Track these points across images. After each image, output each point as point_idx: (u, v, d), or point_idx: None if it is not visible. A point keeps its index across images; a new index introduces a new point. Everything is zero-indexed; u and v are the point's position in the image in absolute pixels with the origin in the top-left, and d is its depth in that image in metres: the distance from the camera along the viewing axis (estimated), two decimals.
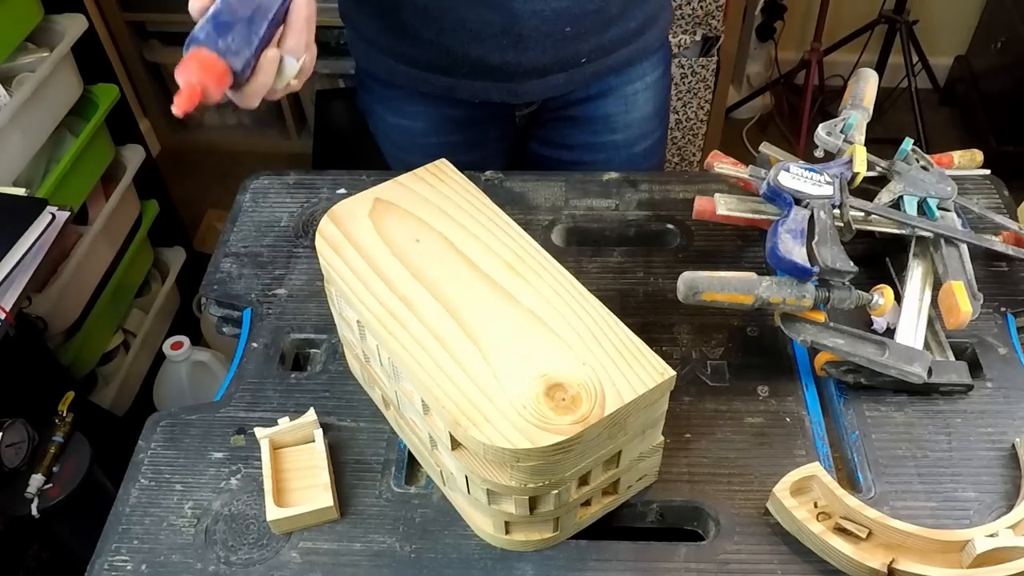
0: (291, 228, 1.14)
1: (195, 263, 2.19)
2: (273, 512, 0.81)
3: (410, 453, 0.89)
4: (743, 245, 1.10)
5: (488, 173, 1.19)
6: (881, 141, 1.33)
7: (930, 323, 0.94)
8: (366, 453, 0.89)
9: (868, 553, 0.76)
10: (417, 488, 0.87)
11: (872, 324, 0.95)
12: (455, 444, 0.74)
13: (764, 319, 1.01)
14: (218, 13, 0.70)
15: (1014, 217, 1.09)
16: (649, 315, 1.02)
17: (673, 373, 0.72)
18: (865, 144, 0.99)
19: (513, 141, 1.30)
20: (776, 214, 0.93)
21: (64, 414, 1.34)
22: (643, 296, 1.05)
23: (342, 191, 1.18)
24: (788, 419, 0.91)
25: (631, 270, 1.07)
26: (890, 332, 0.92)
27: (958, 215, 1.00)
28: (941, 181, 1.00)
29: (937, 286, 0.93)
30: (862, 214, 0.96)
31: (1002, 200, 1.13)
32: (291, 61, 0.75)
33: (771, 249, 0.85)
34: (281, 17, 0.73)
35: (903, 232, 0.98)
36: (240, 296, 1.06)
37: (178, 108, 0.70)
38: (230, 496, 0.86)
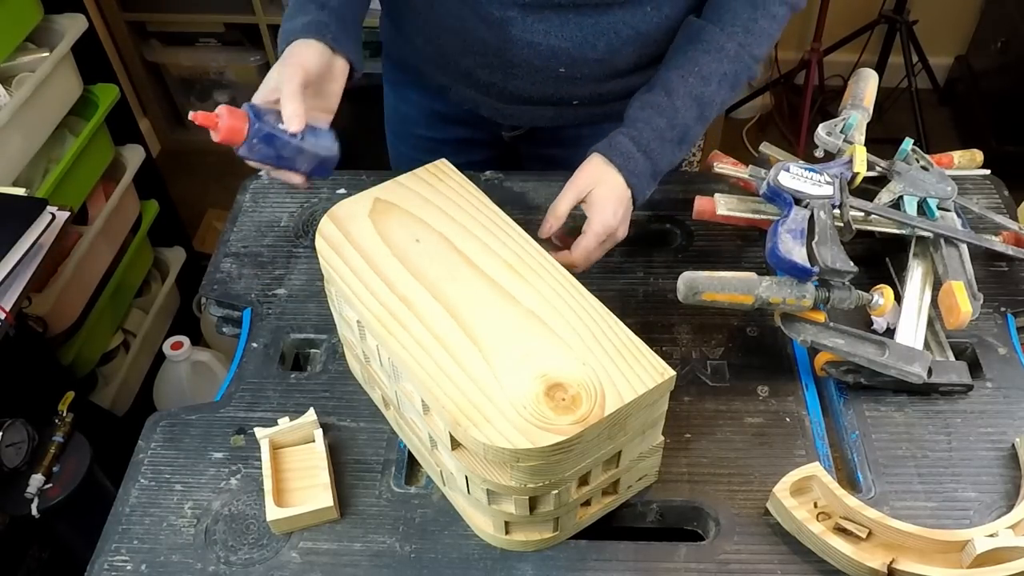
0: (291, 228, 1.14)
1: (195, 263, 2.18)
2: (273, 512, 0.82)
3: (410, 453, 0.89)
4: (743, 245, 1.10)
5: (488, 173, 1.19)
6: (881, 141, 1.33)
7: (930, 323, 0.94)
8: (366, 453, 0.89)
9: (868, 553, 0.77)
10: (417, 488, 0.87)
11: (872, 324, 0.95)
12: (455, 444, 0.74)
13: (764, 319, 1.01)
14: (277, 134, 0.87)
15: (1014, 217, 1.09)
16: (649, 315, 1.02)
17: (673, 373, 0.72)
18: (865, 144, 0.99)
19: (503, 154, 1.29)
20: (776, 214, 0.93)
21: (64, 414, 1.34)
22: (643, 296, 1.05)
23: (342, 191, 1.18)
24: (788, 419, 0.91)
25: (631, 270, 1.07)
26: (890, 332, 0.92)
27: (958, 215, 1.00)
28: (941, 181, 1.00)
29: (937, 286, 0.93)
30: (862, 214, 0.96)
31: (1002, 200, 1.13)
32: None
33: (771, 249, 0.85)
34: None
35: (903, 232, 0.98)
36: (240, 296, 1.06)
37: (195, 115, 0.84)
38: (230, 496, 0.86)
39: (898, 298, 0.95)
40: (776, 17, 0.97)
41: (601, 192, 0.93)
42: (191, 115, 0.84)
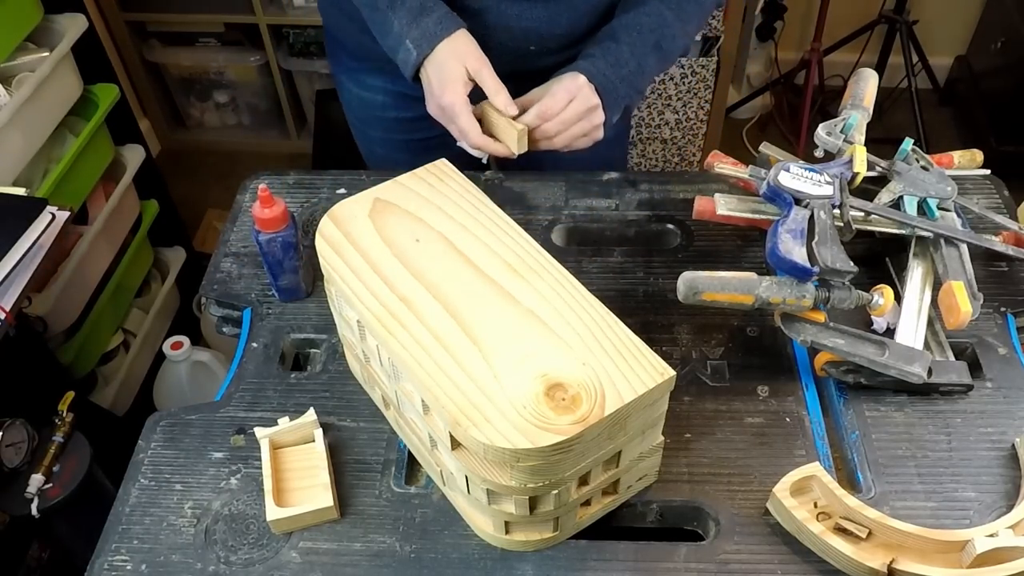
0: None
1: (195, 263, 2.18)
2: (273, 512, 0.82)
3: (410, 453, 0.89)
4: (743, 245, 1.10)
5: (488, 173, 1.19)
6: (881, 141, 1.33)
7: (930, 323, 0.94)
8: (366, 453, 0.89)
9: (868, 553, 0.77)
10: (417, 488, 0.87)
11: (872, 324, 0.95)
12: (455, 444, 0.74)
13: (764, 319, 1.01)
14: (294, 248, 1.00)
15: (1014, 217, 1.09)
16: (649, 315, 1.02)
17: (673, 373, 0.72)
18: (865, 144, 0.99)
19: None
20: (776, 214, 0.93)
21: (64, 414, 1.34)
22: (643, 296, 1.05)
23: (342, 191, 1.18)
24: (788, 419, 0.91)
25: (631, 270, 1.07)
26: (890, 332, 0.92)
27: (958, 215, 1.00)
28: (941, 181, 1.00)
29: (937, 286, 0.93)
30: (862, 214, 0.96)
31: (1002, 200, 1.13)
32: None
33: (771, 249, 0.85)
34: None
35: (903, 232, 0.98)
36: (240, 296, 1.06)
37: (263, 188, 0.95)
38: (230, 496, 0.86)
39: (898, 298, 0.95)
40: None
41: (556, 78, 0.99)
42: (262, 189, 0.96)
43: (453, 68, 0.94)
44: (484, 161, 0.98)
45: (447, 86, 0.94)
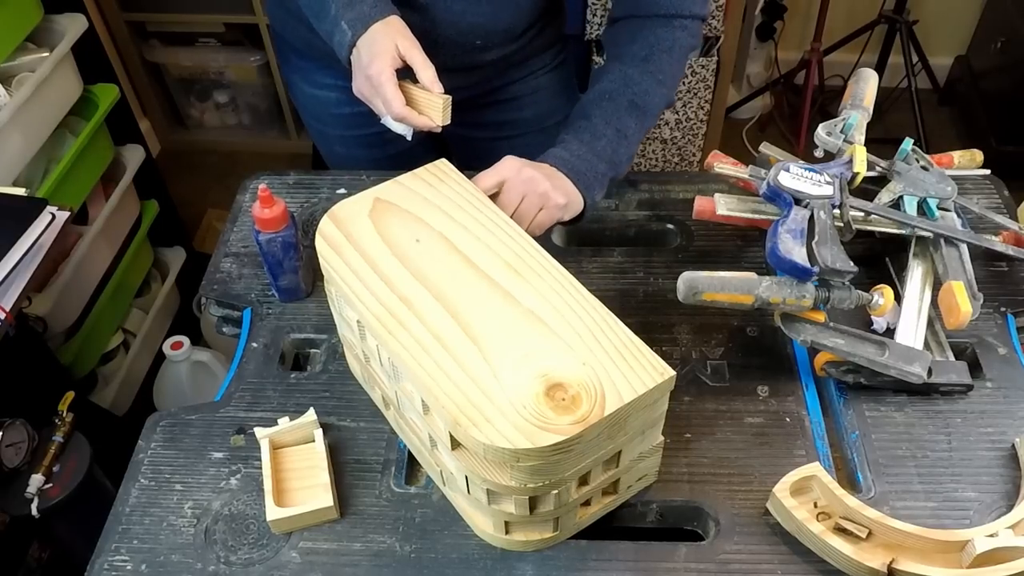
0: None
1: (195, 263, 2.18)
2: (273, 512, 0.82)
3: (410, 453, 0.89)
4: (743, 245, 1.10)
5: None
6: (881, 141, 1.33)
7: (930, 323, 0.94)
8: (366, 453, 0.89)
9: (868, 553, 0.77)
10: (417, 488, 0.87)
11: (872, 324, 0.95)
12: (455, 444, 0.74)
13: (764, 319, 1.01)
14: (294, 249, 1.00)
15: (1014, 217, 1.09)
16: (649, 315, 1.02)
17: (673, 373, 0.72)
18: (865, 144, 0.99)
19: None
20: (776, 214, 0.93)
21: (64, 414, 1.34)
22: (643, 296, 1.05)
23: (342, 191, 1.18)
24: (788, 419, 0.91)
25: (631, 270, 1.07)
26: (890, 332, 0.92)
27: (958, 215, 1.00)
28: (941, 181, 1.00)
29: (937, 286, 0.93)
30: (862, 214, 0.96)
31: (1002, 200, 1.13)
32: None
33: (771, 249, 0.85)
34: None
35: (903, 232, 0.98)
36: (240, 296, 1.06)
37: (264, 188, 0.97)
38: (230, 496, 0.86)
39: (898, 298, 0.95)
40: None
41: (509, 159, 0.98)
42: (262, 187, 0.97)
43: (384, 43, 0.96)
44: (408, 138, 0.97)
45: (376, 58, 0.95)
